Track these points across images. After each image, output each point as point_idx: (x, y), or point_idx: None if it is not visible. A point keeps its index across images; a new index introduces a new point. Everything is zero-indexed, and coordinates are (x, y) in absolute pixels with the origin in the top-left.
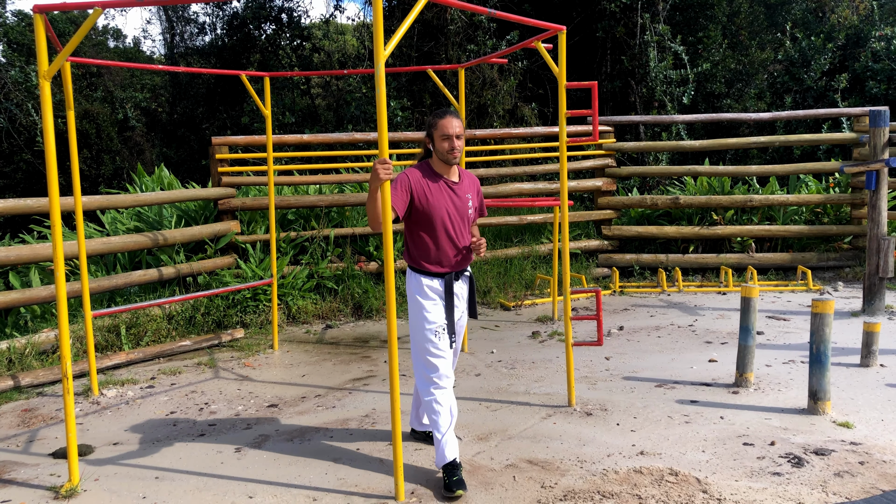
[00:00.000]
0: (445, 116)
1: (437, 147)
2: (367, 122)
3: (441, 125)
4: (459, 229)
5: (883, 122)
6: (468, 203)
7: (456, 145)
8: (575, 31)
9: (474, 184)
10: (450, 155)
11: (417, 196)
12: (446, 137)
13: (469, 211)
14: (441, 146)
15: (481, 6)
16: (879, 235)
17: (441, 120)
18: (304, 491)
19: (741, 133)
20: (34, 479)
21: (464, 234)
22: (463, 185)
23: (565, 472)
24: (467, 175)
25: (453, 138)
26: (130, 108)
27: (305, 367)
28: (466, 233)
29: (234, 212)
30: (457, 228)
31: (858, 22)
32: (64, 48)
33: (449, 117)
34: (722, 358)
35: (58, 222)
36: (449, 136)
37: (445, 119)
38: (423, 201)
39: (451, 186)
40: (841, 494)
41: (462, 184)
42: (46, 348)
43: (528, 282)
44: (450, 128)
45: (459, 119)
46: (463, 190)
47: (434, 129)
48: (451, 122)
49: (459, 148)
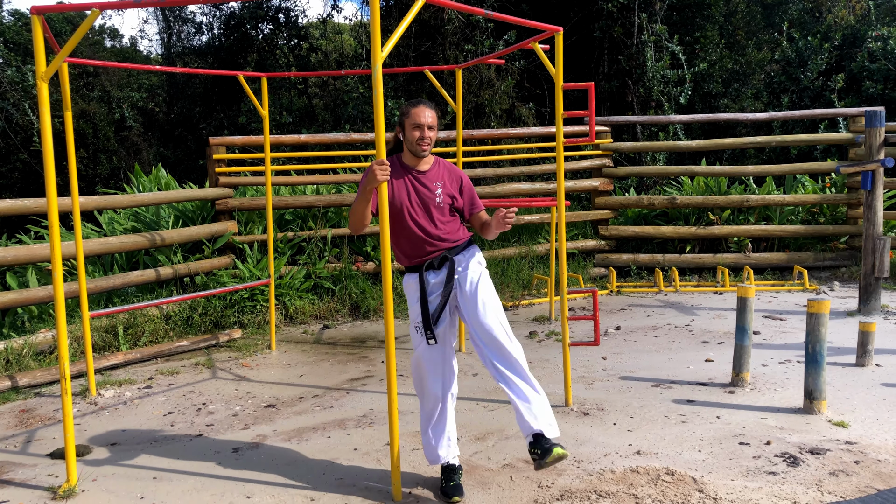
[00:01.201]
0: (418, 105)
1: (408, 136)
2: (364, 122)
3: (413, 114)
4: (425, 217)
5: (879, 122)
6: (436, 191)
7: (427, 135)
8: (572, 31)
9: (450, 172)
10: (419, 146)
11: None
12: (417, 126)
13: (437, 200)
14: (411, 135)
15: (478, 7)
16: (875, 235)
17: (414, 109)
18: (301, 491)
19: (738, 133)
20: (32, 480)
21: (432, 223)
22: (430, 174)
23: (562, 472)
24: (443, 165)
25: (425, 128)
26: (127, 107)
27: (303, 368)
28: (442, 220)
29: (232, 212)
30: (422, 216)
31: (855, 22)
32: (62, 49)
33: (422, 106)
34: (718, 358)
35: (55, 223)
36: (420, 126)
37: (418, 108)
38: (389, 197)
39: (416, 176)
40: (836, 494)
41: (430, 172)
42: (44, 349)
43: (526, 282)
44: (422, 117)
45: (433, 109)
46: (430, 178)
47: (406, 117)
48: (424, 111)
49: (430, 139)
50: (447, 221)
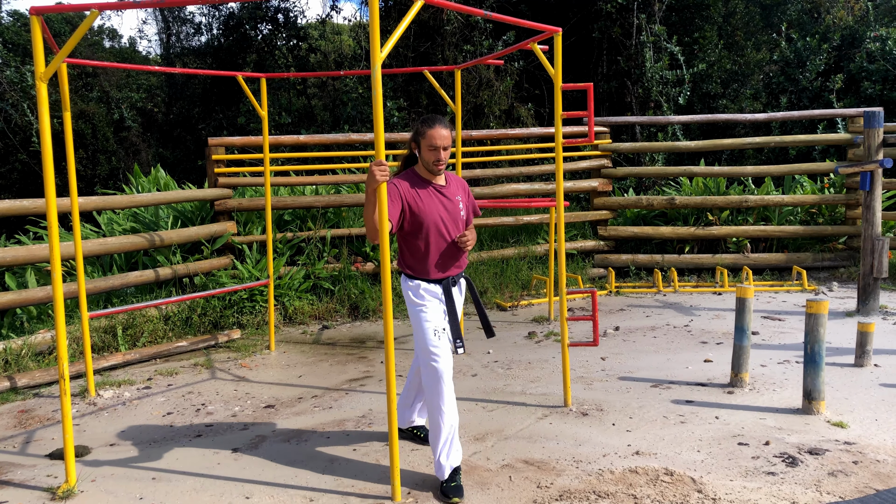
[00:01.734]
0: (434, 126)
1: (423, 156)
2: (363, 123)
3: (430, 135)
4: (454, 233)
5: (877, 122)
6: (459, 206)
7: (442, 157)
8: (571, 32)
9: (462, 186)
10: (435, 166)
11: (409, 205)
12: (433, 149)
13: (461, 213)
14: (427, 156)
15: (478, 7)
16: (874, 236)
17: (430, 130)
18: (300, 492)
19: (737, 134)
20: (31, 481)
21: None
22: (451, 188)
23: (561, 473)
24: (453, 178)
25: (440, 150)
26: (126, 108)
27: (302, 368)
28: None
29: (231, 212)
30: (451, 233)
31: (854, 22)
32: (61, 50)
33: (438, 127)
34: (717, 358)
35: (54, 223)
36: (436, 148)
37: (434, 129)
38: (414, 209)
39: (441, 191)
40: (835, 494)
41: (450, 187)
42: (43, 349)
43: (525, 282)
44: (438, 139)
45: (448, 129)
46: (452, 192)
47: (422, 137)
48: (440, 132)
49: (445, 159)
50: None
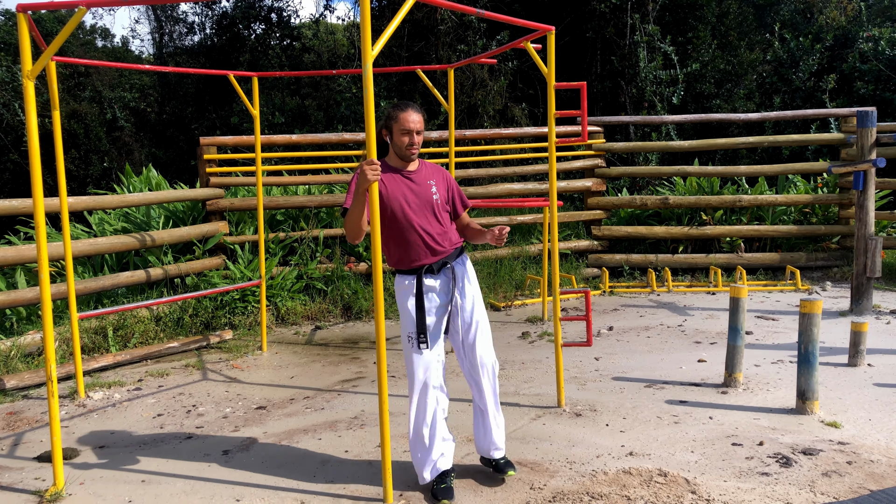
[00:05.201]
0: (406, 109)
1: (396, 141)
2: (356, 122)
3: (402, 119)
4: (425, 215)
5: (870, 122)
6: (431, 189)
7: (415, 140)
8: (565, 32)
9: (439, 172)
10: (408, 151)
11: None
12: (406, 132)
13: (434, 197)
14: (400, 140)
15: (471, 6)
16: (867, 235)
17: (402, 113)
18: (292, 494)
19: (730, 133)
20: (18, 483)
21: (433, 221)
22: (421, 174)
23: (554, 474)
24: (429, 165)
25: (413, 133)
26: (119, 108)
27: (294, 369)
28: (439, 219)
29: (223, 212)
30: (419, 214)
31: (846, 23)
32: (48, 48)
33: (409, 111)
34: (711, 358)
35: (42, 223)
36: (409, 132)
37: (406, 112)
38: (381, 196)
39: (407, 175)
40: (829, 494)
41: (420, 172)
42: (32, 350)
43: (518, 282)
44: (410, 122)
45: (420, 112)
46: (422, 178)
47: (394, 121)
48: (412, 115)
49: (418, 143)
50: (446, 221)
